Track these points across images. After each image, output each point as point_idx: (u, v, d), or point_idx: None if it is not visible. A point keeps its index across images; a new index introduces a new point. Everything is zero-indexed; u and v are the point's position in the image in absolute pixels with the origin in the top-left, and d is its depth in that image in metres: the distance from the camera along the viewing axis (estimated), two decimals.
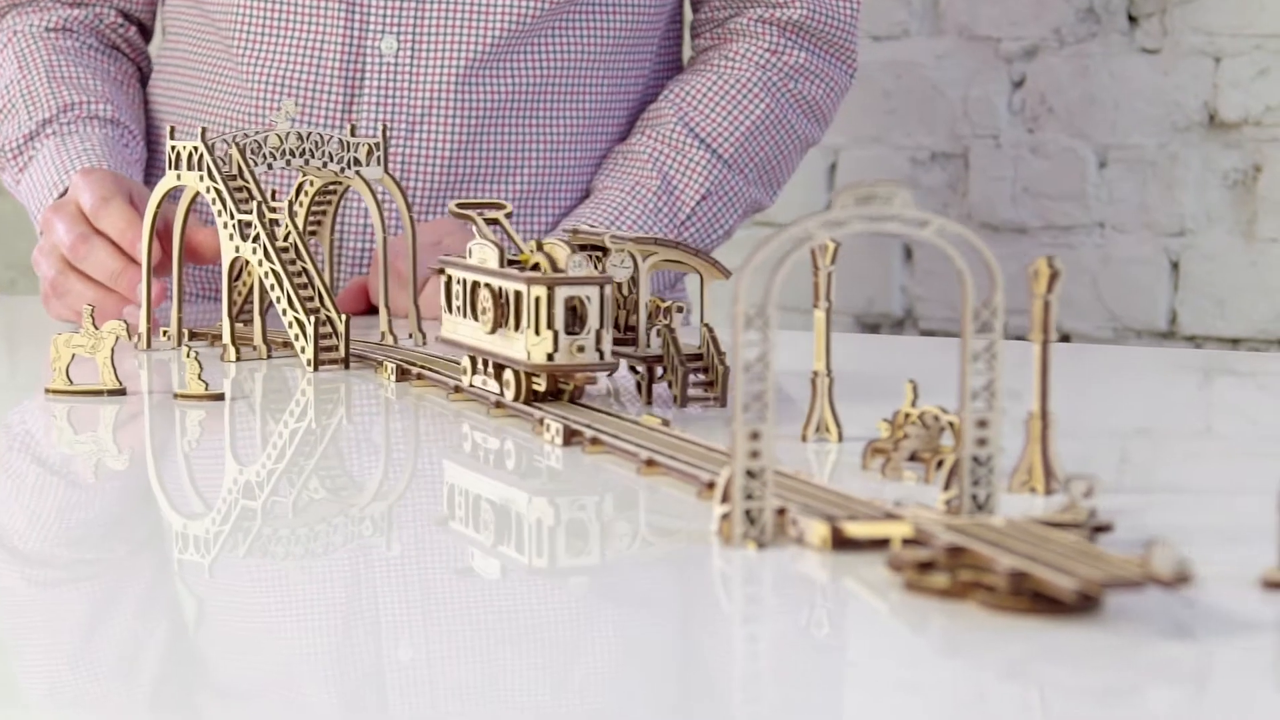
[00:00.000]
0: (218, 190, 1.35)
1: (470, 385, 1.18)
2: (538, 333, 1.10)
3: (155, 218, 1.41)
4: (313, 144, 1.40)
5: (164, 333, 1.43)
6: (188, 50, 1.75)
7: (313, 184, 1.45)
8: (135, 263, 1.46)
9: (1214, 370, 1.59)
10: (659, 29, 1.76)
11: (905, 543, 0.81)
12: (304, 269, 1.34)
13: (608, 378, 1.25)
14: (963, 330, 0.85)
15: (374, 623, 0.81)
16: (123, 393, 1.24)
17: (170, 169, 1.39)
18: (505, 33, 1.66)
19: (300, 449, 1.14)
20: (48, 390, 1.24)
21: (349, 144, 1.41)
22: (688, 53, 1.83)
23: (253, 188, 1.36)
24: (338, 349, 1.33)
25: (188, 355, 1.22)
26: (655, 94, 1.78)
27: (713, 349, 1.17)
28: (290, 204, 1.36)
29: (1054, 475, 0.95)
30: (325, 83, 1.67)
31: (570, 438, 1.07)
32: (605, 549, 0.91)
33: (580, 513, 0.97)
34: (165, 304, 1.47)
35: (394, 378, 1.28)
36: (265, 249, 1.33)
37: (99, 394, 1.23)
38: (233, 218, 1.35)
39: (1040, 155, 2.15)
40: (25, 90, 1.70)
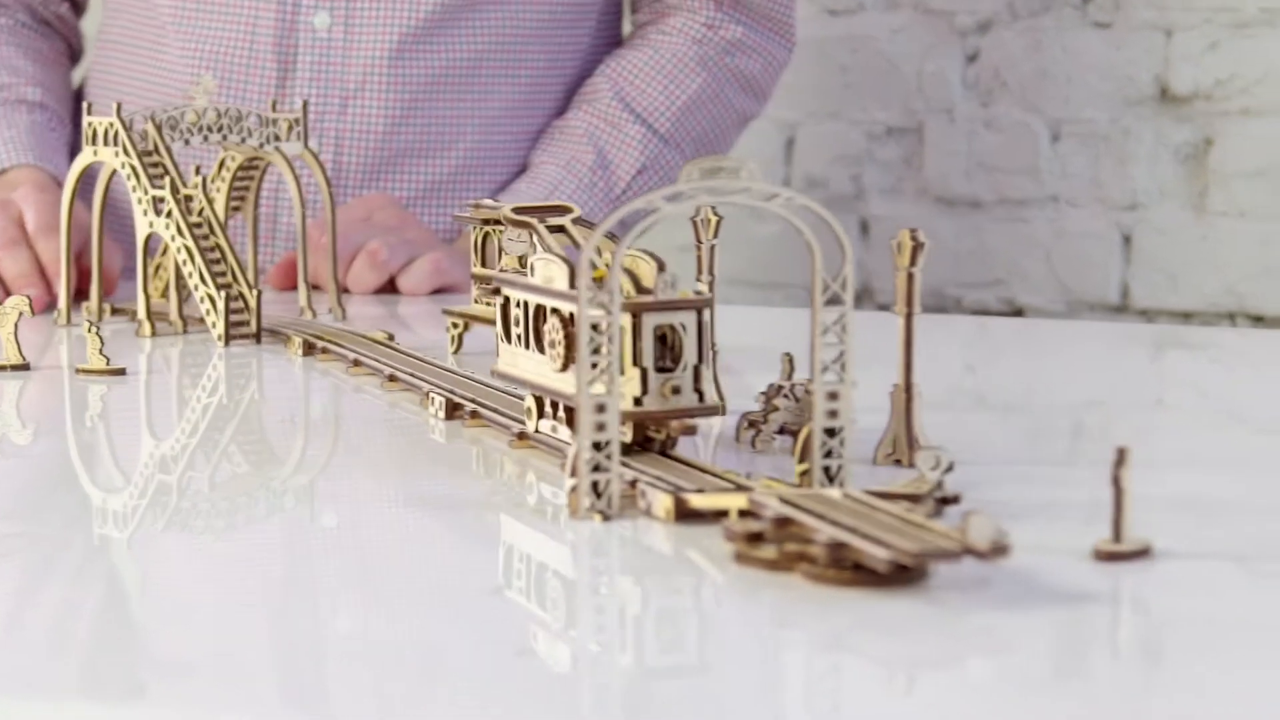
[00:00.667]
0: (132, 166, 1.36)
1: (536, 431, 0.97)
2: (622, 371, 0.88)
3: (74, 193, 1.41)
4: (230, 120, 1.40)
5: (86, 309, 1.44)
6: (126, 26, 1.76)
7: (234, 160, 1.45)
8: (51, 291, 1.47)
9: (1166, 344, 1.59)
10: (596, 5, 1.76)
11: (743, 514, 0.81)
12: (217, 244, 1.34)
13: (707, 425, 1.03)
14: (813, 303, 0.85)
15: (310, 594, 0.81)
16: (26, 368, 1.24)
17: (87, 145, 1.39)
18: (439, 7, 1.67)
19: (214, 423, 1.14)
20: None
21: (268, 120, 1.41)
22: (629, 28, 1.83)
23: (167, 163, 1.36)
24: (249, 324, 1.33)
25: (89, 330, 1.22)
26: (594, 69, 1.78)
27: None
28: (204, 179, 1.36)
29: (918, 447, 0.95)
30: (259, 58, 1.67)
31: (452, 411, 1.07)
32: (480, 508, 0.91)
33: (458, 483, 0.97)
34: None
35: (301, 352, 1.29)
36: (178, 225, 1.34)
37: (2, 369, 1.24)
38: (146, 193, 1.35)
39: (994, 129, 2.15)
40: None
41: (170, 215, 1.34)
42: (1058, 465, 1.03)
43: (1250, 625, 0.74)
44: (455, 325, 1.27)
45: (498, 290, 0.98)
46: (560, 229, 0.99)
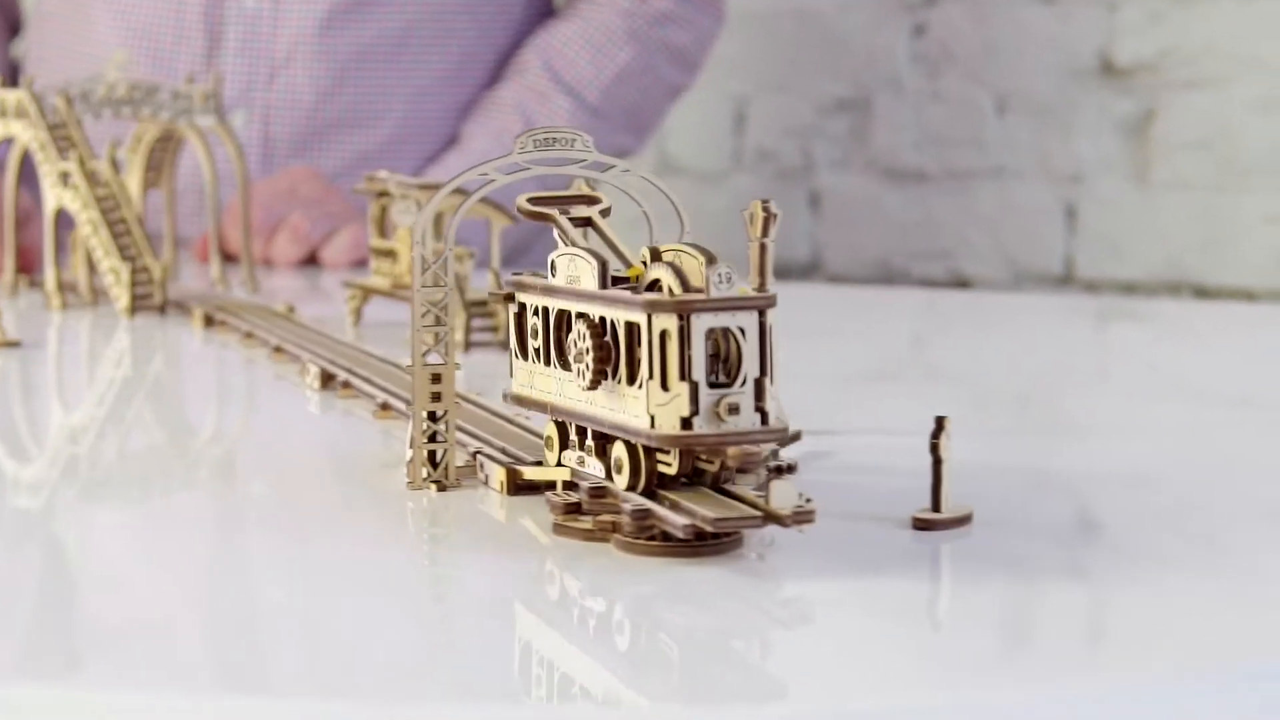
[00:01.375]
0: (40, 140, 1.36)
1: (558, 464, 0.82)
2: (666, 386, 0.74)
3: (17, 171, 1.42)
4: (143, 93, 1.41)
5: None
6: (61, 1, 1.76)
7: (150, 133, 1.45)
8: None
9: (1110, 316, 1.60)
10: None
11: (567, 486, 0.81)
12: (123, 218, 1.35)
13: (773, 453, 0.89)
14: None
15: (242, 564, 0.81)
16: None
17: None
18: None
19: (122, 395, 1.15)
20: None
21: (181, 93, 1.42)
22: (561, 1, 1.84)
23: (76, 137, 1.37)
24: (153, 296, 1.34)
25: None
26: (525, 41, 1.78)
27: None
28: (112, 153, 1.36)
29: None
30: (187, 31, 1.68)
31: (327, 381, 1.08)
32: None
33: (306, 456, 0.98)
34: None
35: (202, 325, 1.29)
36: (85, 198, 1.34)
37: None
38: (54, 167, 1.36)
39: (941, 102, 2.15)
40: None
41: (77, 189, 1.34)
42: (996, 434, 1.04)
43: (1190, 595, 0.74)
44: (353, 298, 1.28)
45: (511, 297, 0.83)
46: (587, 221, 0.84)
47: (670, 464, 0.75)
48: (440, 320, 0.84)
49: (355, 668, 0.68)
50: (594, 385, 0.76)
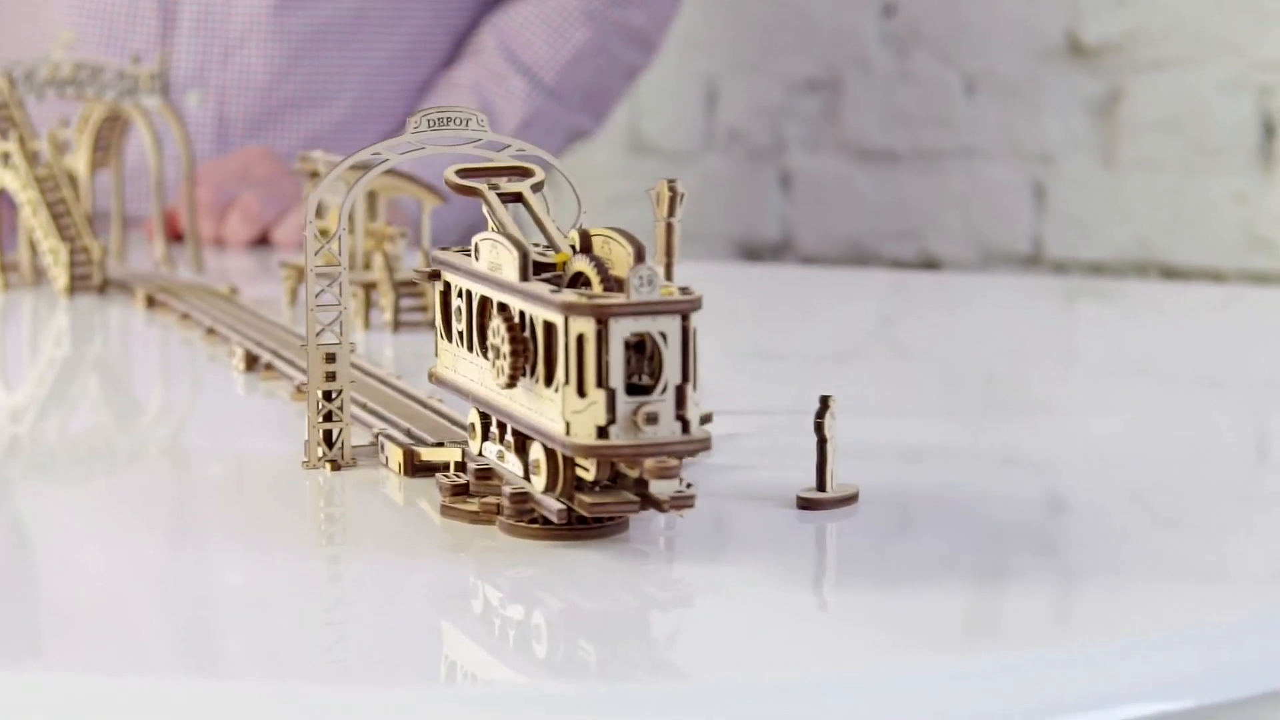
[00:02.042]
0: None
1: (480, 455, 0.79)
2: (582, 393, 0.71)
3: None
4: (87, 73, 1.41)
5: None
6: None
7: (97, 114, 1.45)
8: None
9: (1078, 295, 1.59)
10: None
11: (460, 467, 0.81)
12: (63, 198, 1.35)
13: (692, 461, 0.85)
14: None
15: (200, 545, 0.80)
16: None
17: None
18: None
19: (62, 375, 1.15)
20: None
21: (126, 73, 1.41)
22: None
23: (17, 117, 1.37)
24: (92, 277, 1.33)
25: None
26: (481, 21, 1.77)
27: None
28: (53, 134, 1.36)
29: None
30: (141, 10, 1.67)
31: (252, 362, 1.08)
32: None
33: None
34: None
35: (144, 305, 1.29)
36: (25, 178, 1.34)
37: None
38: None
39: (910, 82, 2.14)
40: None
41: (17, 169, 1.34)
42: (964, 414, 1.04)
43: (1152, 570, 0.74)
44: (289, 278, 1.27)
45: (436, 274, 0.80)
46: (517, 197, 0.79)
47: (587, 470, 0.73)
48: (335, 300, 0.83)
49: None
50: (510, 384, 0.73)
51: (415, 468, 0.84)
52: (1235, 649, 0.68)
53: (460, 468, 0.80)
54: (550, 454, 0.73)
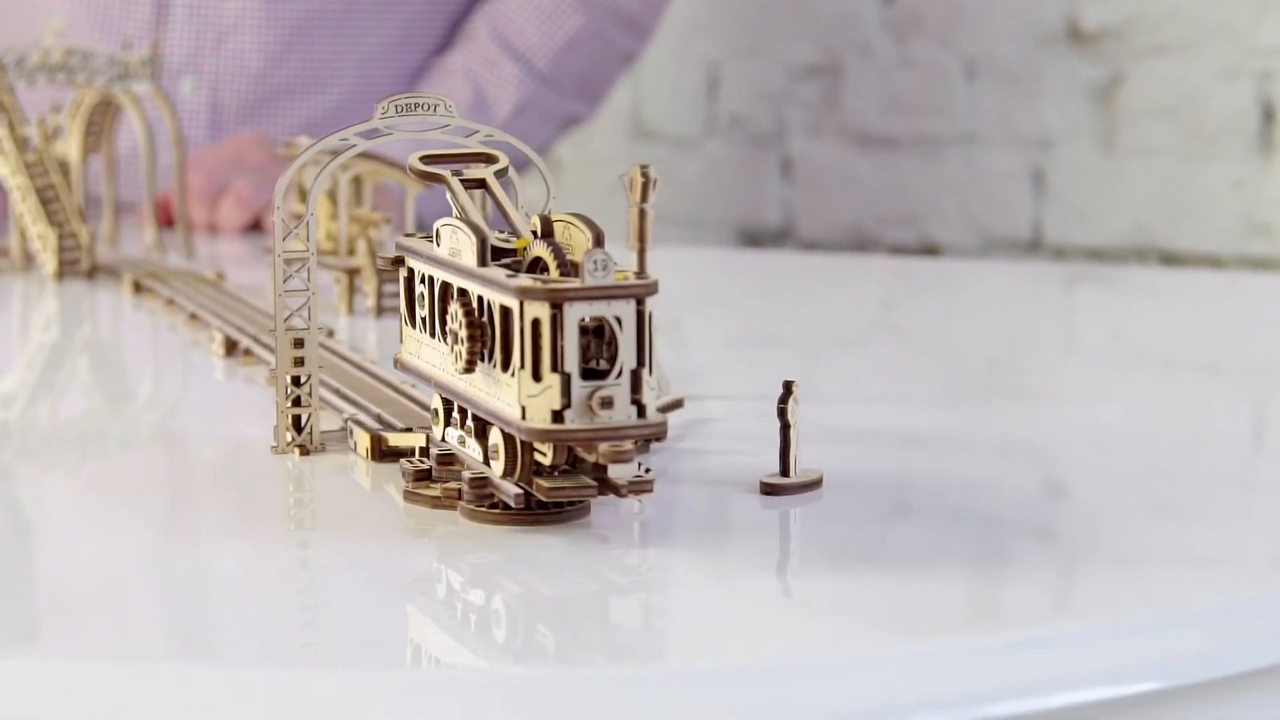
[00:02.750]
0: None
1: (443, 440, 0.80)
2: (537, 377, 0.71)
3: None
4: (78, 59, 1.41)
5: None
6: None
7: (89, 99, 1.45)
8: None
9: (1078, 281, 1.59)
10: None
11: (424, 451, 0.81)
12: (52, 183, 1.35)
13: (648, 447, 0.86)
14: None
15: (198, 530, 0.81)
16: None
17: None
18: None
19: (51, 360, 1.15)
20: None
21: (117, 59, 1.42)
22: None
23: (6, 102, 1.37)
24: (80, 262, 1.34)
25: None
26: (475, 7, 1.77)
27: None
28: (42, 119, 1.36)
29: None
30: None
31: (232, 348, 1.08)
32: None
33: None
34: None
35: (131, 291, 1.29)
36: (13, 163, 1.34)
37: None
38: None
39: (910, 68, 2.14)
40: None
41: (6, 155, 1.34)
42: (964, 401, 1.04)
43: (1149, 557, 0.75)
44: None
45: (400, 261, 0.81)
46: (480, 184, 0.79)
47: (545, 454, 0.73)
48: (304, 285, 0.84)
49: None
50: (468, 369, 0.74)
51: (383, 453, 0.84)
52: (1232, 630, 0.69)
53: (425, 453, 0.80)
54: (509, 439, 0.73)
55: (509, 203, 0.78)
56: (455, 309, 0.74)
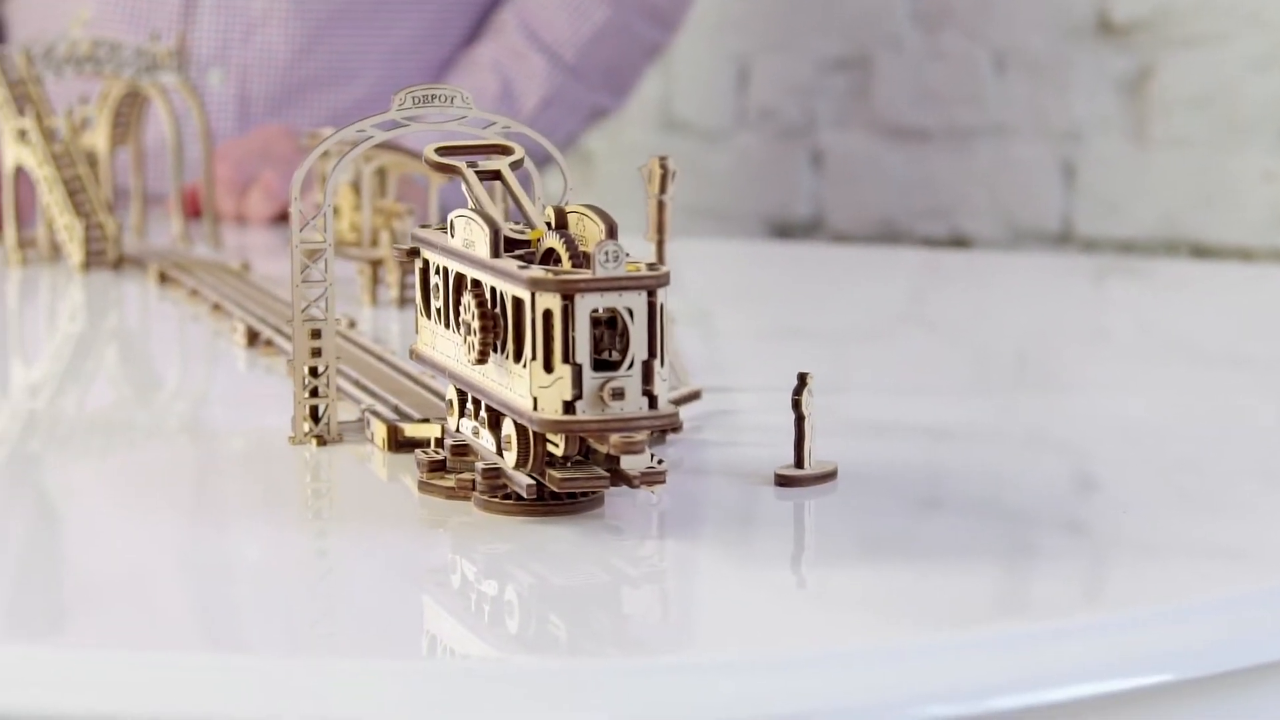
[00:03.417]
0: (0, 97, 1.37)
1: (457, 431, 0.80)
2: (549, 368, 0.71)
3: None
4: (105, 51, 1.41)
5: None
6: None
7: (116, 91, 1.46)
8: None
9: (1108, 273, 1.59)
10: None
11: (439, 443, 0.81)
12: (78, 174, 1.35)
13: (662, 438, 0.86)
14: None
15: (219, 520, 0.81)
16: None
17: None
18: None
19: (78, 351, 1.16)
20: None
21: (144, 51, 1.42)
22: None
23: (34, 94, 1.37)
24: (106, 253, 1.34)
25: None
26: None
27: None
28: (69, 111, 1.37)
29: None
30: None
31: (254, 338, 1.08)
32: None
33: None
34: None
35: (157, 281, 1.30)
36: (41, 155, 1.35)
37: None
38: (12, 124, 1.36)
39: (940, 60, 2.14)
40: None
41: (34, 146, 1.35)
42: (994, 393, 1.04)
43: (1177, 549, 0.75)
44: None
45: (415, 252, 0.80)
46: (495, 175, 0.78)
47: (556, 445, 0.73)
48: (321, 276, 0.84)
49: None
50: (480, 360, 0.74)
51: (399, 443, 0.84)
52: (1260, 621, 0.69)
53: (440, 444, 0.81)
54: (521, 430, 0.73)
55: (524, 194, 0.78)
56: (468, 300, 0.74)
